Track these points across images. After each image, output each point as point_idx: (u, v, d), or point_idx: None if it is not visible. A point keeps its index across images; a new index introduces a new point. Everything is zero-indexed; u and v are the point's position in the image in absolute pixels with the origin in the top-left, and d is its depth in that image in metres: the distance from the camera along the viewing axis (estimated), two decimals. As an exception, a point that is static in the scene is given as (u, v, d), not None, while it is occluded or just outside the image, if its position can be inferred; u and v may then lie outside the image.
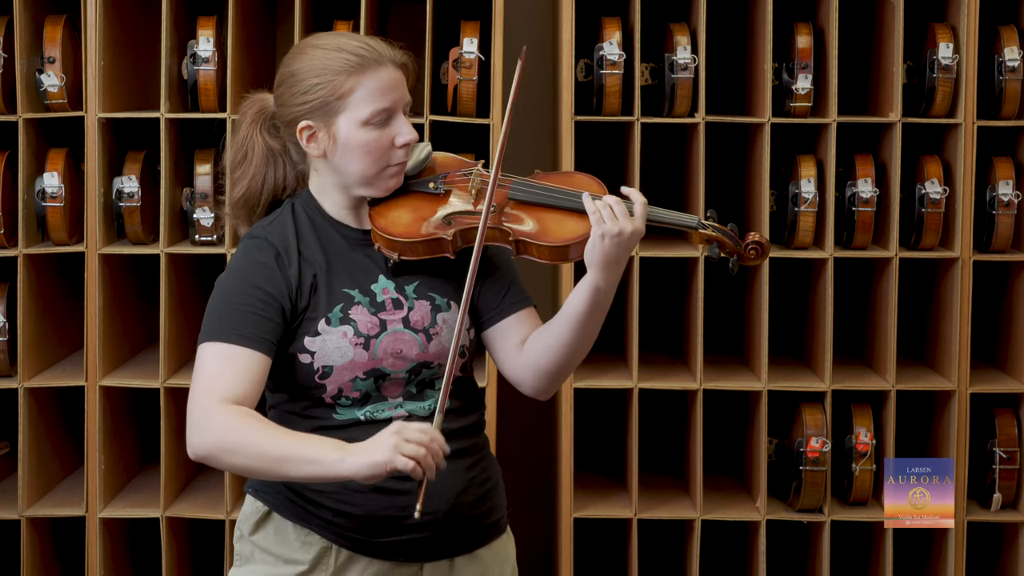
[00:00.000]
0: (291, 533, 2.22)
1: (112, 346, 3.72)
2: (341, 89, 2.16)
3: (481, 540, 2.29)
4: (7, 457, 3.81)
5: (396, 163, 2.21)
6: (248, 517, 2.26)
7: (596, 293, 2.15)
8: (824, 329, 3.66)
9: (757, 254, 2.25)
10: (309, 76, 2.18)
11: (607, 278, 2.15)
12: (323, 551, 2.21)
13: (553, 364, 2.21)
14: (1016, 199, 3.66)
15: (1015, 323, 3.76)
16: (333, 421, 2.19)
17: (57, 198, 3.62)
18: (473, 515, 2.26)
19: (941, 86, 3.62)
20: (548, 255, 2.20)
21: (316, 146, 2.20)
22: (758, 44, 3.67)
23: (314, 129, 2.19)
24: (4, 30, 3.62)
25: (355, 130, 2.17)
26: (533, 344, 2.23)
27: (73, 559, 3.88)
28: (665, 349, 4.01)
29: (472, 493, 2.26)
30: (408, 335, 2.20)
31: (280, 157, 2.27)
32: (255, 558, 2.25)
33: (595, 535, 4.05)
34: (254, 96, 2.31)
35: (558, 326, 2.19)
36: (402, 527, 2.20)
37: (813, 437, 3.63)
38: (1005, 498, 3.74)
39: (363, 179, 2.20)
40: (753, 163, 3.74)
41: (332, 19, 3.70)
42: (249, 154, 2.27)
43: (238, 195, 2.28)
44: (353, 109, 2.17)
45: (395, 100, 2.19)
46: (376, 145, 2.18)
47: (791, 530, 3.91)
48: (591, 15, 3.75)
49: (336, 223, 2.24)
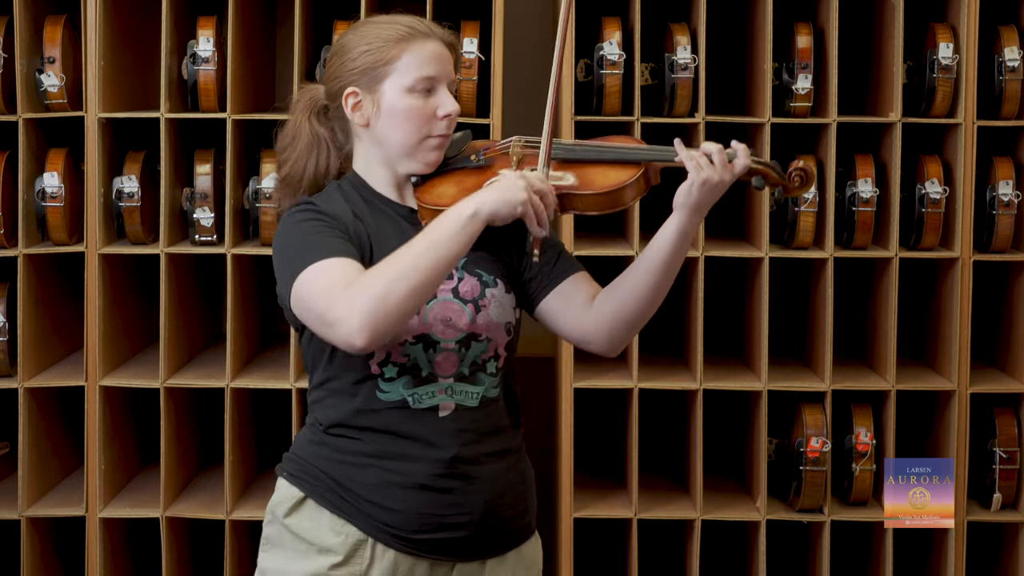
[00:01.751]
0: (327, 521, 2.20)
1: (112, 346, 3.72)
2: (388, 55, 2.21)
3: (513, 543, 2.28)
4: (7, 457, 3.81)
5: (437, 134, 2.24)
6: (282, 502, 2.25)
7: (684, 235, 2.20)
8: (824, 329, 3.67)
9: (802, 181, 2.26)
10: (360, 44, 2.23)
11: (694, 221, 2.20)
12: (359, 543, 2.19)
13: (634, 312, 2.24)
14: (1016, 199, 3.66)
15: (1015, 323, 3.76)
16: (378, 402, 2.18)
17: (57, 198, 3.62)
18: (508, 517, 2.26)
19: (941, 86, 3.62)
20: (593, 204, 2.22)
21: (361, 114, 2.23)
22: (758, 44, 3.67)
23: (360, 96, 2.22)
24: (4, 30, 3.62)
25: (399, 96, 2.21)
26: (610, 296, 2.25)
27: (73, 559, 3.88)
28: (665, 349, 4.01)
29: (511, 494, 2.26)
30: (457, 304, 2.21)
31: (325, 143, 2.30)
32: (285, 543, 2.23)
33: (595, 535, 4.05)
34: (307, 86, 2.35)
35: (641, 272, 2.22)
36: (440, 526, 2.19)
37: (813, 437, 3.63)
38: (1005, 498, 3.74)
39: (405, 148, 2.23)
40: (753, 163, 3.74)
41: (332, 19, 3.70)
42: (296, 139, 2.31)
43: (283, 175, 2.32)
44: (398, 75, 2.21)
45: (440, 71, 2.23)
46: (419, 112, 2.21)
47: (791, 530, 3.91)
48: (591, 15, 3.76)
49: (384, 198, 2.26)
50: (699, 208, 2.19)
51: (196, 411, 3.93)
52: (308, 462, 2.24)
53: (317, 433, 2.24)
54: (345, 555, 2.19)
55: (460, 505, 2.20)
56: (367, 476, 2.18)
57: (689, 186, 2.18)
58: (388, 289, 2.02)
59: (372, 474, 2.18)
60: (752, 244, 3.75)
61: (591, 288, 2.29)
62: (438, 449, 2.18)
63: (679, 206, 2.18)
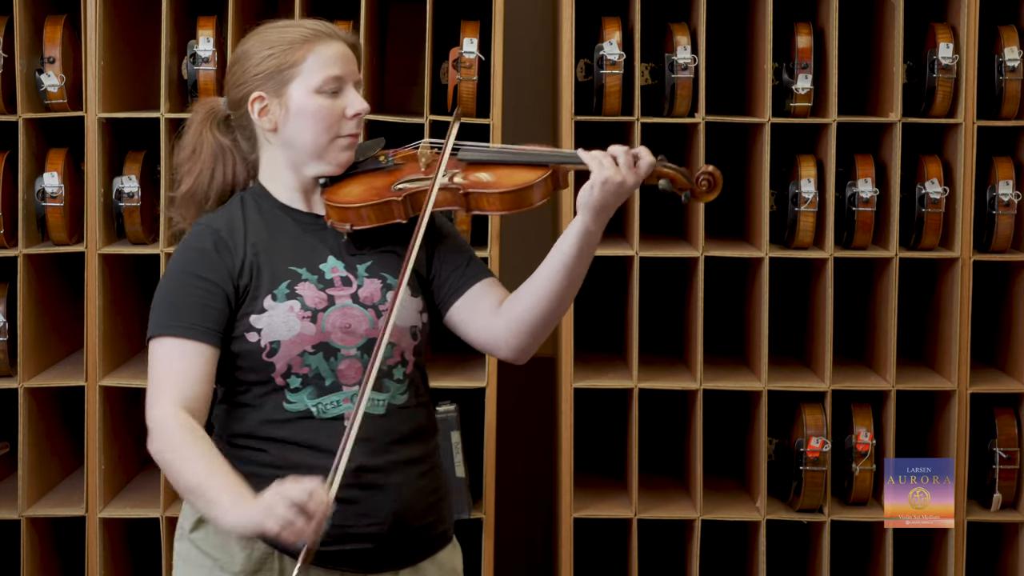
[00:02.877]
0: (232, 536, 2.14)
1: (112, 346, 3.72)
2: (293, 57, 2.20)
3: (426, 552, 2.26)
4: (7, 457, 3.81)
5: (347, 134, 2.23)
6: (188, 515, 2.23)
7: (587, 235, 2.16)
8: (824, 329, 3.66)
9: (709, 185, 2.26)
10: (262, 49, 2.22)
11: (598, 222, 2.16)
12: (265, 556, 2.17)
13: (539, 317, 2.20)
14: (1016, 199, 3.66)
15: (1015, 323, 3.76)
16: (283, 413, 2.17)
17: (57, 198, 3.62)
18: (419, 527, 2.23)
19: (941, 86, 3.62)
20: (499, 203, 2.21)
21: (268, 119, 2.22)
22: (758, 44, 3.67)
23: (266, 101, 2.21)
24: (4, 30, 3.62)
25: (307, 97, 2.20)
26: (516, 302, 2.23)
27: (73, 559, 3.88)
28: (665, 349, 4.01)
29: (420, 504, 2.23)
30: (357, 310, 2.19)
31: (230, 152, 2.28)
32: (192, 560, 2.22)
33: (595, 535, 4.05)
34: (203, 100, 2.34)
35: (546, 275, 2.19)
36: (347, 537, 2.16)
37: (813, 437, 3.63)
38: (1005, 498, 3.73)
39: (315, 150, 2.22)
40: (753, 163, 3.74)
41: (332, 19, 3.69)
42: (198, 150, 2.28)
43: (185, 189, 2.29)
44: (305, 76, 2.20)
45: (346, 71, 2.22)
46: (327, 112, 2.20)
47: (791, 530, 3.91)
48: (591, 15, 3.75)
49: (287, 208, 2.25)
50: (603, 208, 2.15)
51: (196, 411, 3.92)
52: None
53: (222, 444, 2.21)
54: (251, 569, 2.17)
55: (367, 515, 2.17)
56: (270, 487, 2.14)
57: (591, 186, 2.15)
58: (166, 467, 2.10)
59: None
60: (752, 244, 3.75)
61: (500, 294, 2.27)
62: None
63: (581, 206, 2.15)
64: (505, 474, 3.79)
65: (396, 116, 3.68)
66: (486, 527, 3.66)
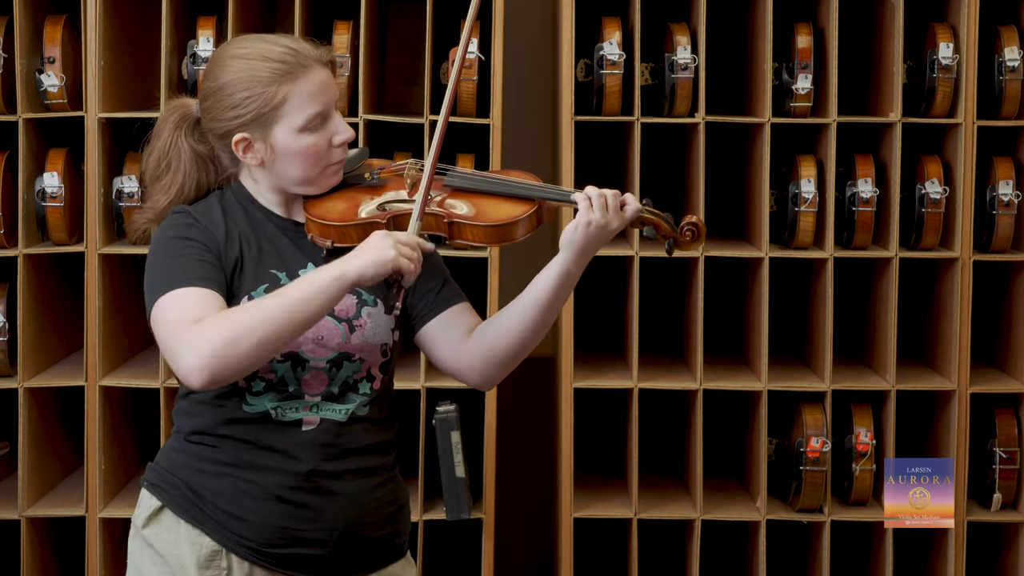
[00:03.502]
0: (183, 532, 2.18)
1: (112, 346, 3.72)
2: (274, 100, 2.15)
3: (377, 563, 2.26)
4: (7, 457, 3.81)
5: (335, 162, 2.22)
6: (142, 511, 2.23)
7: (566, 275, 2.16)
8: (824, 329, 3.66)
9: (693, 236, 2.25)
10: (239, 90, 2.16)
11: (579, 262, 2.17)
12: (213, 554, 2.17)
13: (510, 349, 2.21)
14: (1016, 199, 3.66)
15: (1015, 323, 3.76)
16: (242, 413, 2.16)
17: (57, 198, 3.62)
18: (373, 537, 2.23)
19: (941, 86, 3.62)
20: (483, 236, 2.20)
21: (253, 156, 2.19)
22: (758, 44, 3.67)
23: (250, 140, 2.18)
24: (4, 30, 3.61)
25: (293, 137, 2.17)
26: (486, 331, 2.22)
27: (73, 559, 3.88)
28: (665, 349, 4.01)
29: (375, 514, 2.23)
30: (331, 323, 2.18)
31: (209, 161, 2.26)
32: (144, 560, 2.21)
33: (595, 535, 4.05)
34: (173, 102, 2.29)
35: (520, 308, 2.19)
36: (296, 540, 2.17)
37: (813, 437, 3.63)
38: (1005, 498, 3.73)
39: (303, 181, 2.20)
40: (753, 163, 3.74)
41: (332, 19, 3.70)
42: (175, 162, 2.24)
43: (165, 203, 2.24)
44: (289, 117, 2.16)
45: (327, 101, 2.19)
46: (315, 149, 2.18)
47: (791, 530, 3.91)
48: (591, 15, 3.75)
49: (267, 212, 2.24)
50: (584, 250, 2.16)
51: (196, 411, 3.92)
52: (167, 470, 2.22)
53: (179, 441, 2.22)
54: (199, 566, 2.17)
55: (316, 520, 2.17)
56: (222, 485, 2.16)
57: (575, 226, 2.15)
58: (238, 335, 2.00)
59: (227, 483, 2.16)
60: (752, 244, 3.75)
61: (472, 320, 2.26)
62: (296, 461, 2.16)
63: (564, 244, 2.15)
64: (505, 474, 3.79)
65: (396, 116, 3.68)
66: (486, 527, 3.66)
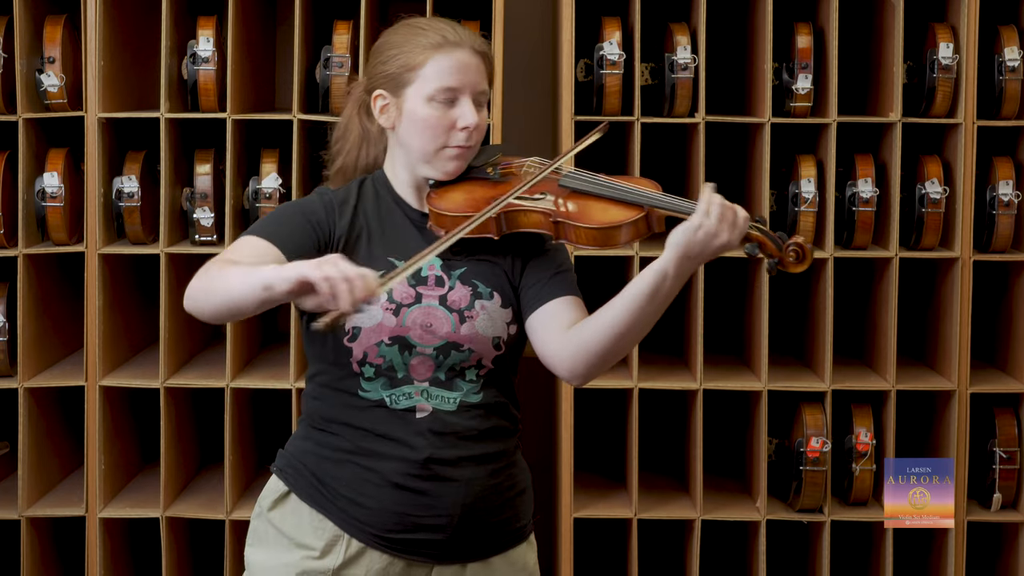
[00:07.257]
0: (306, 517, 2.23)
1: (112, 346, 3.72)
2: (414, 61, 2.21)
3: (497, 548, 2.28)
4: (7, 457, 3.81)
5: (455, 145, 2.23)
6: (268, 494, 2.28)
7: (663, 278, 2.10)
8: (824, 329, 3.67)
9: (797, 257, 2.16)
10: (392, 47, 2.24)
11: (679, 267, 2.10)
12: (335, 539, 2.21)
13: (600, 346, 2.16)
14: (1016, 199, 3.66)
15: (1015, 323, 3.76)
16: (359, 400, 2.20)
17: (57, 198, 3.62)
18: (491, 522, 2.25)
19: (941, 86, 3.62)
20: (586, 238, 2.19)
21: (386, 117, 2.25)
22: (758, 44, 3.67)
23: (386, 100, 2.24)
24: (4, 30, 3.62)
25: (420, 104, 2.21)
26: (584, 326, 2.20)
27: (73, 559, 3.88)
28: (665, 349, 4.01)
29: (492, 500, 2.25)
30: (442, 312, 2.21)
31: (373, 138, 2.33)
32: (268, 539, 2.26)
33: (595, 535, 4.05)
34: (358, 81, 2.37)
35: (614, 307, 2.15)
36: (416, 526, 2.20)
37: (813, 437, 3.63)
38: (1005, 498, 3.74)
39: (423, 155, 2.23)
40: (753, 163, 3.74)
41: (332, 19, 3.70)
42: (348, 133, 2.34)
43: (336, 168, 2.35)
44: (422, 82, 2.21)
45: (464, 82, 2.21)
46: (436, 122, 2.21)
47: (791, 530, 3.91)
48: (591, 15, 3.76)
49: (400, 200, 2.28)
50: (686, 255, 2.09)
51: (196, 411, 3.93)
52: (295, 457, 2.27)
53: (305, 428, 2.28)
54: (321, 551, 2.21)
55: (434, 507, 2.20)
56: (343, 472, 2.21)
57: (684, 227, 2.08)
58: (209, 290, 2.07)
59: (348, 470, 2.21)
60: (752, 244, 3.75)
61: (576, 315, 2.25)
62: (412, 449, 2.19)
63: (668, 243, 2.10)
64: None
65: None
66: (486, 527, 3.66)
